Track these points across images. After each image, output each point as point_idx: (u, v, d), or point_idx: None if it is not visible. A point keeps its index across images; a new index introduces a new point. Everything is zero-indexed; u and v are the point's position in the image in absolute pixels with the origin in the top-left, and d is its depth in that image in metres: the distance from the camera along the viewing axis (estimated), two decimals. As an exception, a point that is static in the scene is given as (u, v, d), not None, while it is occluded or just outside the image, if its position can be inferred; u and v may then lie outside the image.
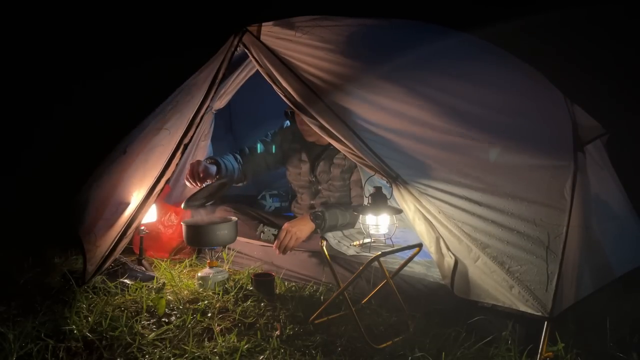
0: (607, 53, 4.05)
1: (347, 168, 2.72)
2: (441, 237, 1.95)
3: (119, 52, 4.66)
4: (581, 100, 2.44)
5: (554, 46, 3.97)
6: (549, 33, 4.02)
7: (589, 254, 1.96)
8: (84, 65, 4.60)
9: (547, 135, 2.11)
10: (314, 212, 2.57)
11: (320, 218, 2.54)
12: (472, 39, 2.53)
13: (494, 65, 2.41)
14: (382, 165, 1.97)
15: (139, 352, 1.81)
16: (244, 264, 2.78)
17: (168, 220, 3.00)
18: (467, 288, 1.94)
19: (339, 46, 2.18)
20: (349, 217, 2.60)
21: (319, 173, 2.82)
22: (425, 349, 1.81)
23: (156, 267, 2.75)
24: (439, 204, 1.92)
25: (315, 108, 2.09)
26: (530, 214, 1.87)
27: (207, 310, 2.17)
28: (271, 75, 2.21)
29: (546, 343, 1.75)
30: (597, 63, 3.98)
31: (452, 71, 2.21)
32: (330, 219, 2.55)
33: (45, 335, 1.87)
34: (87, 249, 2.43)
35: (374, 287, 2.17)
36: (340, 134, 2.04)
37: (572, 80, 2.84)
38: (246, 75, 2.92)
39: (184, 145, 2.30)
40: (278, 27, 2.26)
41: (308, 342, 1.89)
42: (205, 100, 2.31)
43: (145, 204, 2.32)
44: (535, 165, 1.96)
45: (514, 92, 2.29)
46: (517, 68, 2.48)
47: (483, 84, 2.22)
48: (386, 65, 2.16)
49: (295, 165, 2.93)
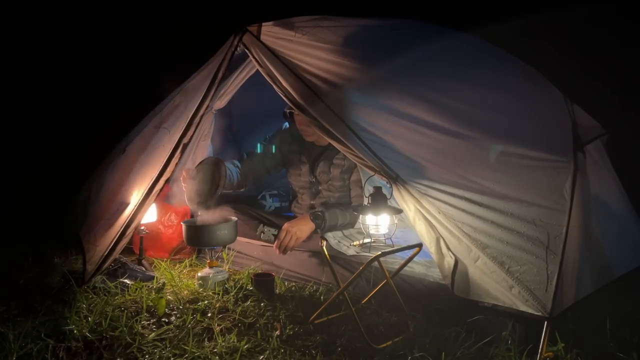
0: (607, 53, 4.06)
1: (347, 168, 2.72)
2: (441, 237, 1.95)
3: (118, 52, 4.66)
4: (581, 100, 2.44)
5: (554, 46, 3.97)
6: (549, 33, 4.02)
7: (589, 254, 1.96)
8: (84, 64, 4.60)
9: (547, 135, 2.12)
10: (314, 212, 2.57)
11: (320, 218, 2.54)
12: (472, 39, 2.53)
13: (493, 66, 2.41)
14: (382, 165, 1.97)
15: (139, 352, 1.81)
16: (244, 264, 2.78)
17: (168, 220, 3.00)
18: (467, 288, 1.94)
19: (339, 46, 2.18)
20: (349, 217, 2.60)
21: (319, 173, 2.82)
22: (425, 349, 1.81)
23: (156, 267, 2.75)
24: (439, 205, 1.92)
25: (315, 108, 2.09)
26: (530, 215, 1.87)
27: (207, 310, 2.16)
28: (271, 75, 2.21)
29: (546, 343, 1.75)
30: (597, 63, 3.99)
31: (452, 72, 2.21)
32: (330, 219, 2.55)
33: (45, 335, 1.87)
34: (87, 249, 2.43)
35: (374, 287, 2.17)
36: (341, 134, 2.04)
37: (572, 80, 2.85)
38: (246, 75, 2.92)
39: (183, 145, 2.31)
40: (278, 27, 2.26)
41: (308, 342, 1.89)
42: (205, 100, 2.31)
43: (145, 203, 2.32)
44: (535, 165, 1.96)
45: (513, 92, 2.29)
46: (517, 68, 2.48)
47: (483, 84, 2.22)
48: (386, 65, 2.16)
49: (295, 166, 2.94)
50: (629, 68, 3.97)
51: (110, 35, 4.74)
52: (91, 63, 4.63)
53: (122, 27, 4.80)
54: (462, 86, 2.16)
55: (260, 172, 3.01)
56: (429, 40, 2.39)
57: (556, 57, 3.66)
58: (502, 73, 2.39)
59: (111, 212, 2.47)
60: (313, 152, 2.86)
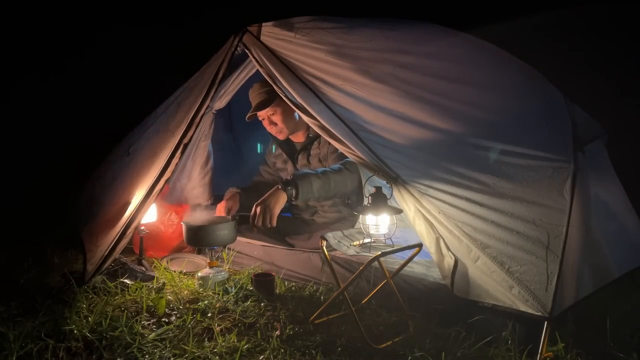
0: (607, 53, 4.05)
1: (324, 156, 2.82)
2: (441, 237, 1.95)
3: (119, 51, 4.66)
4: (581, 100, 2.44)
5: (554, 46, 3.97)
6: (549, 33, 4.02)
7: (588, 254, 1.95)
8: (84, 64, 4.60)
9: (547, 135, 2.11)
10: (284, 180, 2.50)
11: (290, 184, 2.45)
12: (472, 38, 2.52)
13: (493, 65, 2.41)
14: (382, 165, 1.98)
15: (139, 352, 1.81)
16: (244, 264, 2.78)
17: (168, 220, 3.01)
18: (467, 288, 1.94)
19: (339, 47, 2.18)
20: (332, 183, 2.51)
21: (301, 167, 2.93)
22: (425, 349, 1.81)
23: (156, 267, 2.75)
24: (439, 205, 1.92)
25: (315, 108, 2.10)
26: (530, 214, 1.87)
27: (207, 310, 2.17)
28: (271, 76, 2.22)
29: (546, 343, 1.75)
30: (597, 63, 3.99)
31: (451, 72, 2.21)
32: (303, 184, 2.45)
33: (45, 335, 1.87)
34: (88, 249, 2.43)
35: (374, 287, 2.17)
36: (340, 134, 2.04)
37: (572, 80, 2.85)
38: (246, 75, 2.93)
39: (183, 145, 2.31)
40: (278, 28, 2.26)
41: (308, 342, 1.89)
42: (205, 100, 2.31)
43: (145, 203, 2.32)
44: (534, 165, 1.96)
45: (513, 92, 2.29)
46: (517, 68, 2.47)
47: (482, 84, 2.22)
48: (386, 65, 2.16)
49: (282, 168, 3.08)
50: (629, 68, 3.97)
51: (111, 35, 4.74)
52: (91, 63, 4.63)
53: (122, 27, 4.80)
54: (462, 86, 2.15)
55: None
56: (429, 40, 2.39)
57: (556, 57, 3.67)
58: (502, 73, 2.38)
59: (113, 213, 2.47)
60: (292, 148, 3.01)
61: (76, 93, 4.44)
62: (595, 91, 3.49)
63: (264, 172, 3.22)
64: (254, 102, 2.86)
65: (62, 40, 4.62)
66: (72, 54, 4.65)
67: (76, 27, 4.70)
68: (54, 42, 4.63)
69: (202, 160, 3.24)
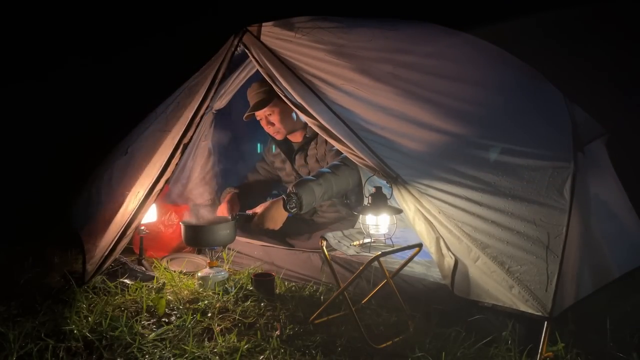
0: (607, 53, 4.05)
1: (321, 156, 2.82)
2: (441, 237, 1.95)
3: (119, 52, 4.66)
4: (581, 100, 2.44)
5: (554, 46, 3.97)
6: (549, 33, 4.02)
7: (588, 254, 1.96)
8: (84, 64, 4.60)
9: (547, 135, 2.11)
10: (288, 196, 2.49)
11: (292, 201, 2.46)
12: (472, 38, 2.52)
13: (493, 65, 2.41)
14: (382, 165, 1.98)
15: (139, 352, 1.81)
16: (244, 264, 2.78)
17: (168, 220, 3.00)
18: (467, 288, 1.94)
19: (339, 46, 2.18)
20: (333, 184, 2.52)
21: (298, 167, 2.95)
22: (425, 349, 1.81)
23: (156, 267, 2.75)
24: (439, 204, 1.92)
25: (315, 108, 2.10)
26: (530, 214, 1.87)
27: (207, 310, 2.17)
28: (271, 76, 2.21)
29: (546, 343, 1.75)
30: (597, 63, 3.98)
31: (452, 71, 2.21)
32: (306, 195, 2.46)
33: (45, 335, 1.87)
34: (87, 249, 2.43)
35: (374, 287, 2.17)
36: (340, 134, 2.04)
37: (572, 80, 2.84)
38: (246, 75, 2.93)
39: (183, 145, 2.30)
40: (278, 28, 2.26)
41: (308, 342, 1.89)
42: (205, 100, 2.31)
43: (145, 204, 2.32)
44: (534, 165, 1.96)
45: (513, 92, 2.28)
46: (517, 68, 2.47)
47: (483, 83, 2.22)
48: (386, 65, 2.16)
49: (280, 167, 3.10)
50: (629, 68, 3.96)
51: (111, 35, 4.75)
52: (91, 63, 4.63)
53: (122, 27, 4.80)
54: (462, 85, 2.15)
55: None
56: (429, 40, 2.39)
57: (556, 56, 3.67)
58: (502, 72, 2.38)
59: (113, 213, 2.47)
60: (290, 149, 3.02)
61: (76, 93, 4.44)
62: (595, 91, 3.48)
63: (260, 168, 3.23)
64: (252, 101, 2.87)
65: (61, 40, 4.62)
66: (71, 54, 4.65)
67: (76, 27, 4.70)
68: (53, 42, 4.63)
69: (202, 160, 3.25)
